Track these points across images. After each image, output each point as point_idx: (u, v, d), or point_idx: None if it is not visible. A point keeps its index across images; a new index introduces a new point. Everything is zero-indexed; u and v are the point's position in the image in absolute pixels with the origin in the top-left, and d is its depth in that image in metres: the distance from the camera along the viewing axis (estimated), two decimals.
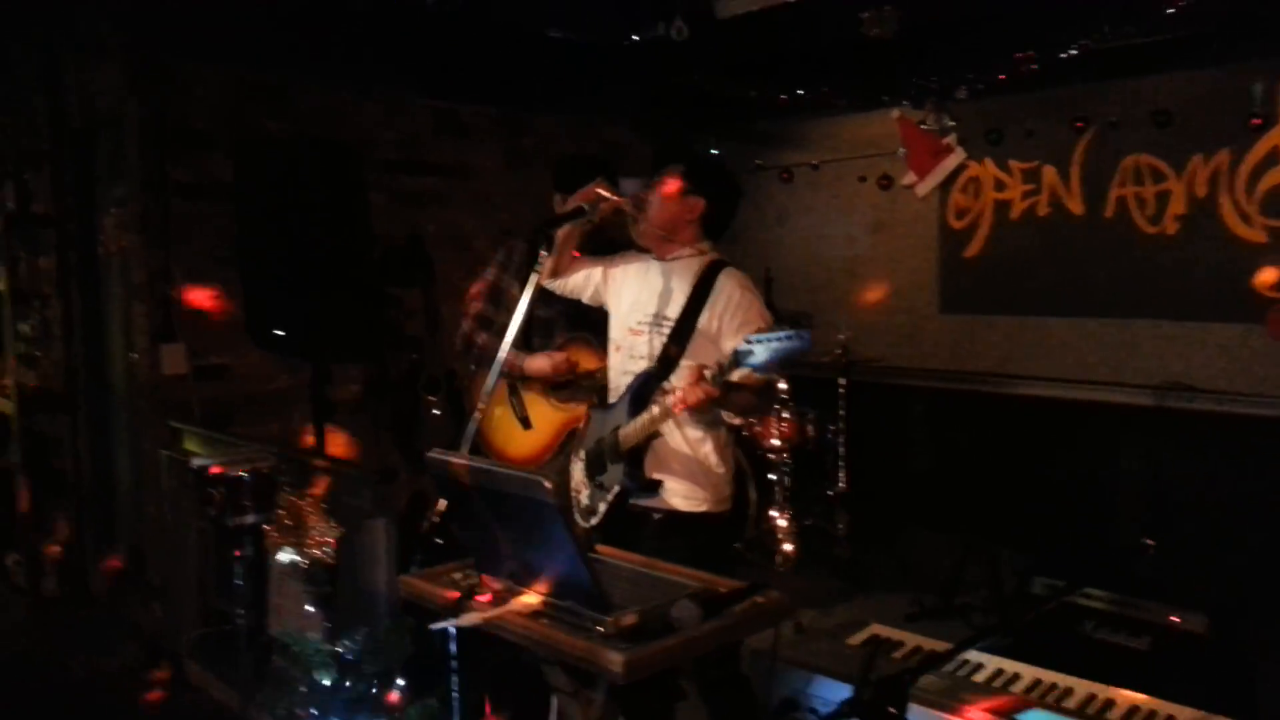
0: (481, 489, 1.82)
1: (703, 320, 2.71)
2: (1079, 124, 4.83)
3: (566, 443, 3.31)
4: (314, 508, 2.08)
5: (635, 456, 2.70)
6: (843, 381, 5.08)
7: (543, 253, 2.56)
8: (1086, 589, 3.78)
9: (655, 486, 2.70)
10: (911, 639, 2.37)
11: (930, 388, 5.69)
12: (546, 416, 3.39)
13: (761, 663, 2.15)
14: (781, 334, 2.22)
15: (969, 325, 5.58)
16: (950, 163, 5.52)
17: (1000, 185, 5.39)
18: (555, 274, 2.91)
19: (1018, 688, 2.11)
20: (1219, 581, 4.01)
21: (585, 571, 1.70)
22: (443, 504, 2.35)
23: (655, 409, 2.60)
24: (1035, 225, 5.26)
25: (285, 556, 2.06)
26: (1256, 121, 4.31)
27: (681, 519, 2.71)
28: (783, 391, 5.09)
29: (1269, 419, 4.45)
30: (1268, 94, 4.32)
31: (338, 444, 5.09)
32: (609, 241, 3.08)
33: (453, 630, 2.02)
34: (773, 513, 5.09)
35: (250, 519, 3.21)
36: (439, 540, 2.42)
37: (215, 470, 3.27)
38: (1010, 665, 2.21)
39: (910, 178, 5.65)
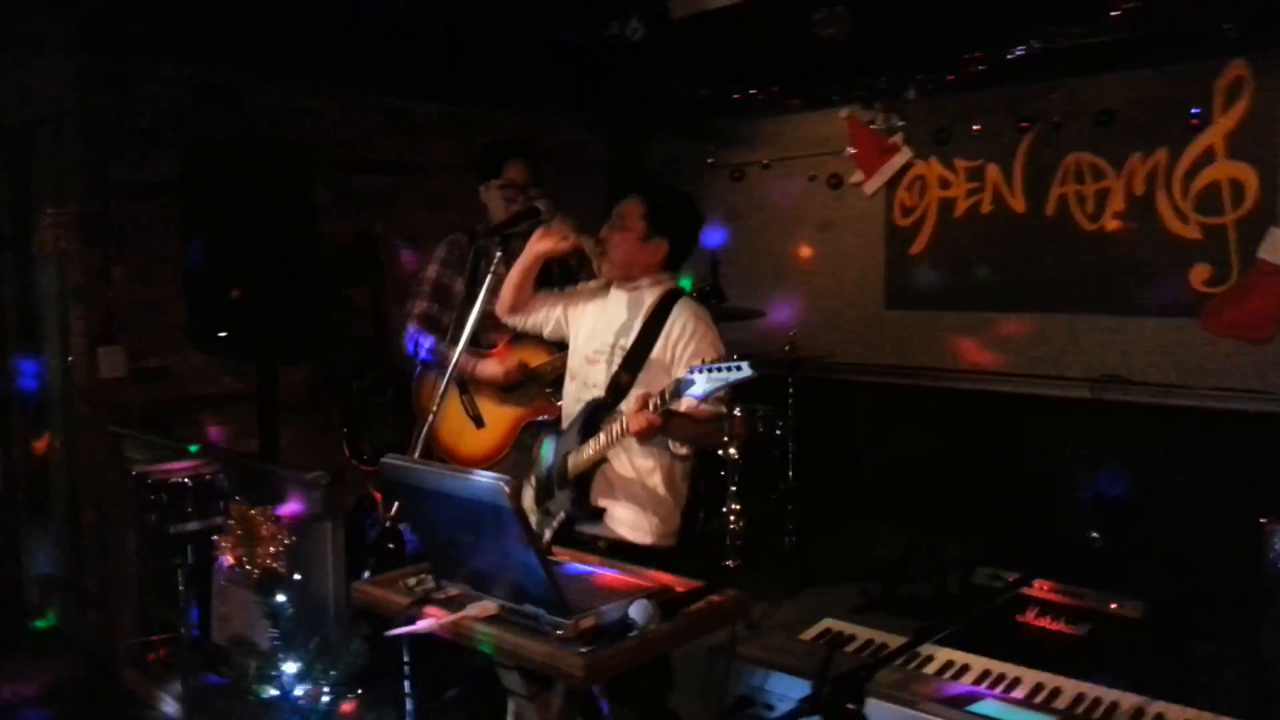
0: (438, 494, 1.80)
1: (656, 349, 2.72)
2: (1024, 124, 4.92)
3: (520, 438, 3.29)
4: (264, 515, 2.05)
5: (582, 483, 2.69)
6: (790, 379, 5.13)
7: (498, 254, 2.55)
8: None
9: (599, 514, 2.69)
10: (864, 633, 2.40)
11: (877, 383, 5.77)
12: (498, 413, 3.36)
13: (717, 660, 2.16)
14: (723, 365, 2.27)
15: (915, 321, 5.67)
16: (897, 161, 5.60)
17: (945, 183, 5.48)
18: (514, 310, 2.90)
19: (968, 678, 2.15)
20: (1155, 568, 4.13)
21: (544, 575, 1.69)
22: (395, 509, 2.33)
23: (603, 436, 2.61)
24: (979, 223, 5.36)
25: (231, 565, 2.02)
26: (1194, 123, 4.43)
27: (628, 549, 2.68)
28: (725, 414, 5.11)
29: (1201, 410, 4.58)
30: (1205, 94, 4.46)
31: (283, 446, 5.02)
32: (568, 271, 3.12)
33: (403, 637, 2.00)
34: (723, 509, 5.11)
35: (193, 526, 3.15)
36: (390, 545, 2.40)
37: (157, 476, 3.20)
38: (959, 656, 2.25)
39: (858, 176, 5.72)
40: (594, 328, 2.85)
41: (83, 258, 4.31)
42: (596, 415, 2.70)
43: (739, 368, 2.27)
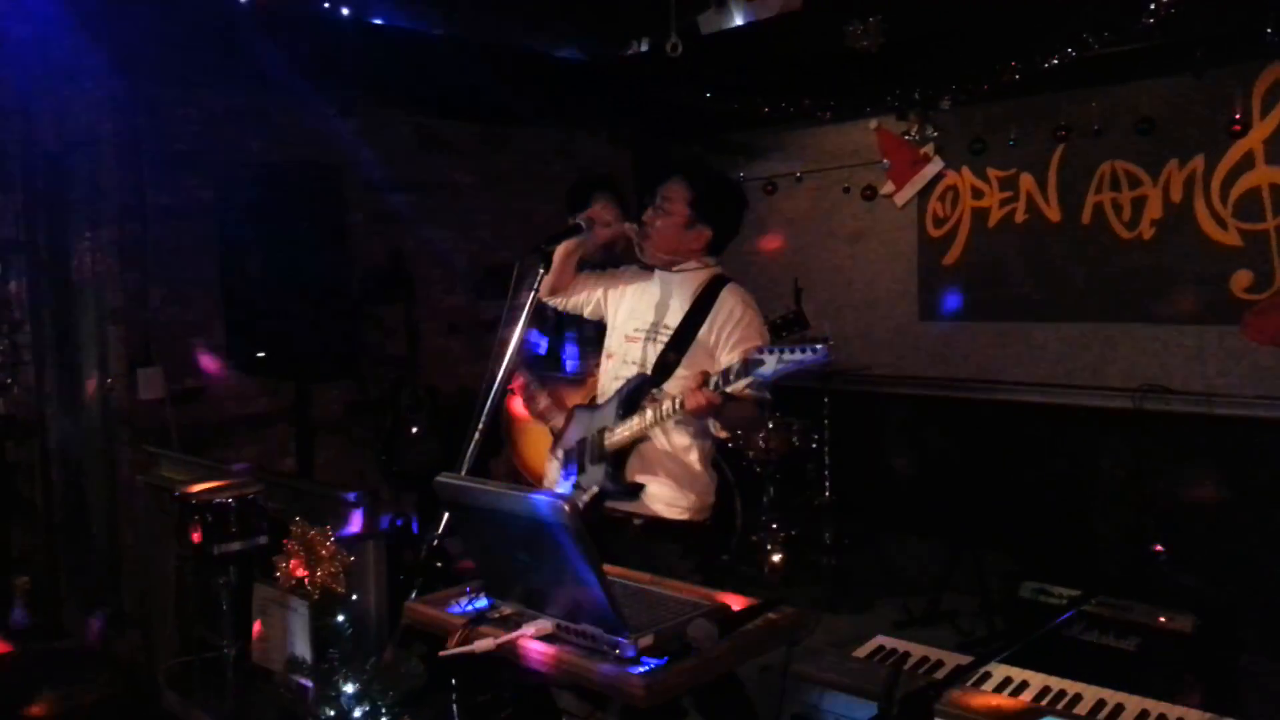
0: (494, 512, 1.79)
1: (702, 332, 2.72)
2: (1062, 132, 4.88)
3: None
4: (324, 535, 2.04)
5: (618, 459, 2.69)
6: (827, 395, 5.09)
7: (540, 270, 2.55)
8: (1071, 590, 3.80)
9: (637, 490, 2.68)
10: (919, 650, 2.36)
11: (912, 395, 5.72)
12: None
13: (770, 679, 2.13)
14: (795, 347, 2.23)
15: (948, 332, 5.62)
16: (928, 172, 5.56)
17: (978, 194, 5.44)
18: (555, 291, 2.90)
19: (1028, 695, 2.10)
20: (1204, 580, 4.06)
21: (604, 595, 1.68)
22: (442, 527, 2.32)
23: (650, 412, 2.60)
24: (1013, 232, 5.31)
25: (294, 587, 2.01)
26: (1236, 128, 4.37)
27: (664, 525, 2.70)
28: (768, 401, 5.09)
29: (1245, 419, 4.51)
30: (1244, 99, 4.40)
31: (319, 465, 5.05)
32: (613, 257, 3.09)
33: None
34: (760, 522, 5.09)
35: (236, 546, 3.15)
36: (438, 564, 2.38)
37: (200, 497, 3.20)
38: (1016, 672, 2.20)
39: (889, 187, 5.69)
40: (634, 307, 2.86)
41: (121, 280, 4.35)
42: (638, 392, 2.69)
43: (814, 349, 2.23)
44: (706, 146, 6.20)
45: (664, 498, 2.71)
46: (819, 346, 2.23)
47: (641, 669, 1.66)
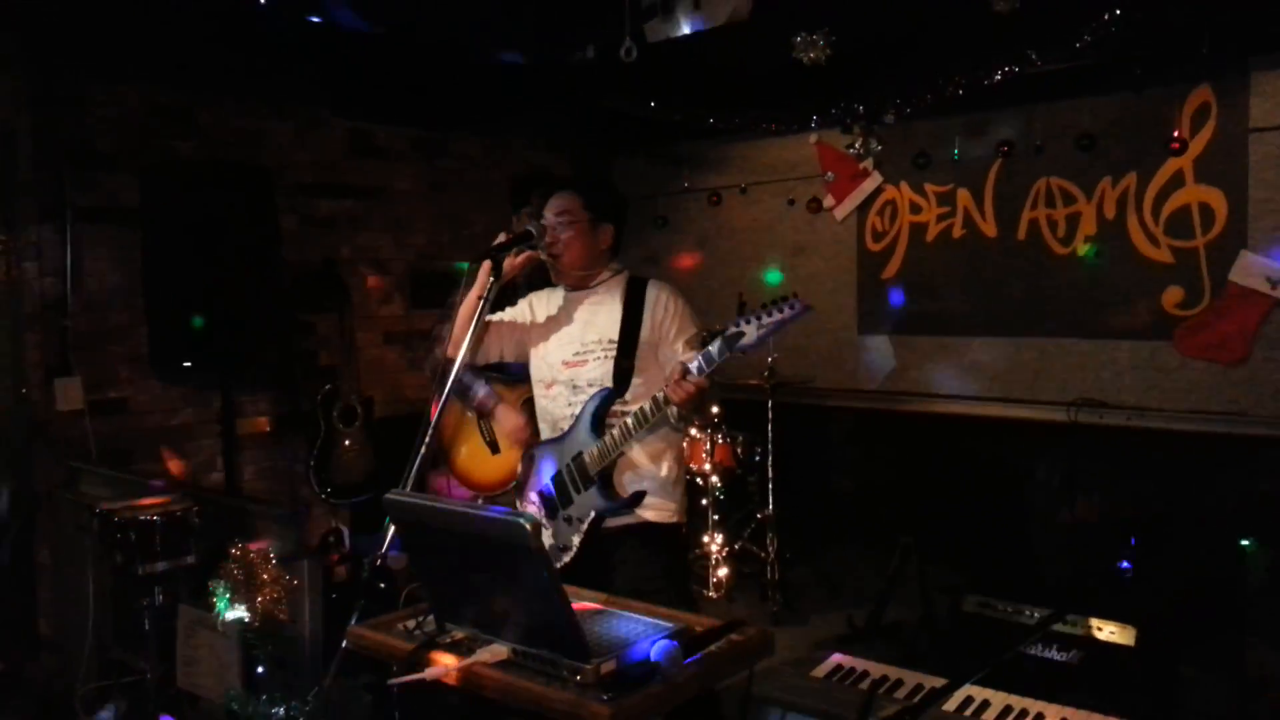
0: (449, 532, 1.70)
1: (644, 333, 2.74)
2: (1004, 147, 4.95)
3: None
4: (264, 557, 1.92)
5: (605, 477, 2.66)
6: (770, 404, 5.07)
7: (490, 279, 2.46)
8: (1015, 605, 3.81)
9: (639, 499, 2.67)
10: (876, 668, 2.33)
11: (852, 408, 5.74)
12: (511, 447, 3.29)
13: (731, 701, 2.07)
14: (772, 308, 2.30)
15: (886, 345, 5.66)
16: (867, 186, 5.61)
17: (916, 208, 5.49)
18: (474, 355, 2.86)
19: (990, 715, 2.08)
20: (1141, 592, 4.12)
21: (566, 617, 1.60)
22: (385, 545, 2.21)
23: (630, 420, 2.59)
24: (950, 247, 5.38)
25: (233, 614, 1.89)
26: (1175, 146, 4.47)
27: (656, 531, 2.71)
28: (715, 415, 5.07)
29: (1177, 433, 4.61)
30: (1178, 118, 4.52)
31: (246, 480, 4.85)
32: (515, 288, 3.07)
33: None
34: (705, 538, 5.04)
35: (162, 566, 2.99)
36: (381, 585, 2.27)
37: (124, 514, 3.04)
38: (978, 692, 2.18)
39: (829, 201, 5.73)
40: (562, 332, 2.85)
41: (38, 285, 4.13)
42: (605, 406, 2.68)
43: (790, 305, 2.31)
44: (650, 157, 6.16)
45: (653, 504, 2.72)
46: (794, 301, 2.29)
47: (605, 696, 1.59)
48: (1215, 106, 4.48)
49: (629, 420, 2.59)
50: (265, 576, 1.82)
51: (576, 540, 2.64)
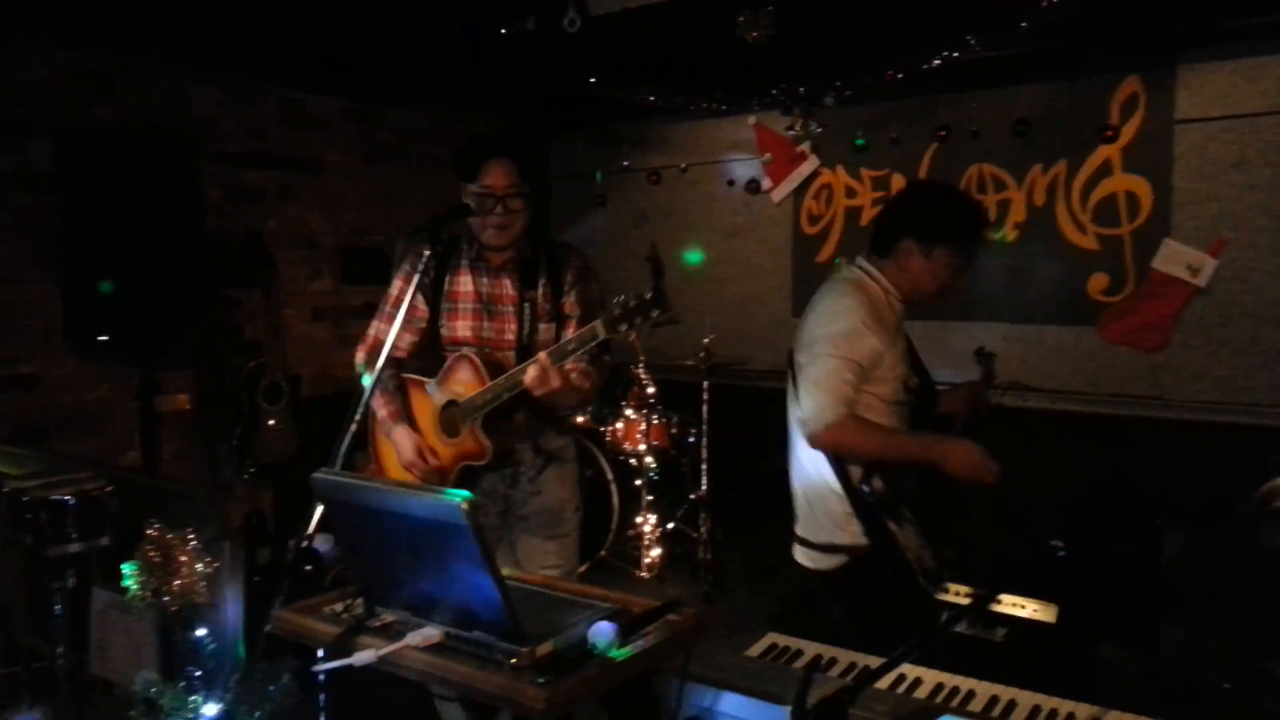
0: (380, 512, 1.64)
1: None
2: (941, 132, 5.00)
3: (464, 480, 2.81)
4: (183, 540, 1.84)
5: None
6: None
7: (426, 252, 2.39)
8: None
9: None
10: (811, 647, 2.33)
11: (785, 389, 5.75)
12: (441, 451, 2.85)
13: (666, 680, 2.05)
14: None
15: None
16: (804, 169, 5.63)
17: (851, 192, 5.53)
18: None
19: (922, 693, 2.09)
20: (1065, 572, 4.22)
21: (500, 600, 1.55)
22: (313, 526, 2.14)
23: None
24: None
25: (148, 598, 1.80)
26: (1109, 134, 4.56)
27: None
28: (650, 395, 5.05)
29: (1100, 416, 4.73)
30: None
31: (166, 459, 4.69)
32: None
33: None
34: (638, 518, 5.03)
35: (75, 548, 2.86)
36: (307, 567, 2.20)
37: (34, 494, 2.89)
38: (909, 670, 2.20)
39: (767, 183, 5.73)
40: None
41: None
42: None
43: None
44: (591, 135, 6.10)
45: None
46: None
47: (541, 679, 1.55)
48: (1143, 98, 4.58)
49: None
50: (183, 559, 1.74)
51: None
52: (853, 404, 2.66)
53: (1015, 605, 3.71)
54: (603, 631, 1.65)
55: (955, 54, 3.77)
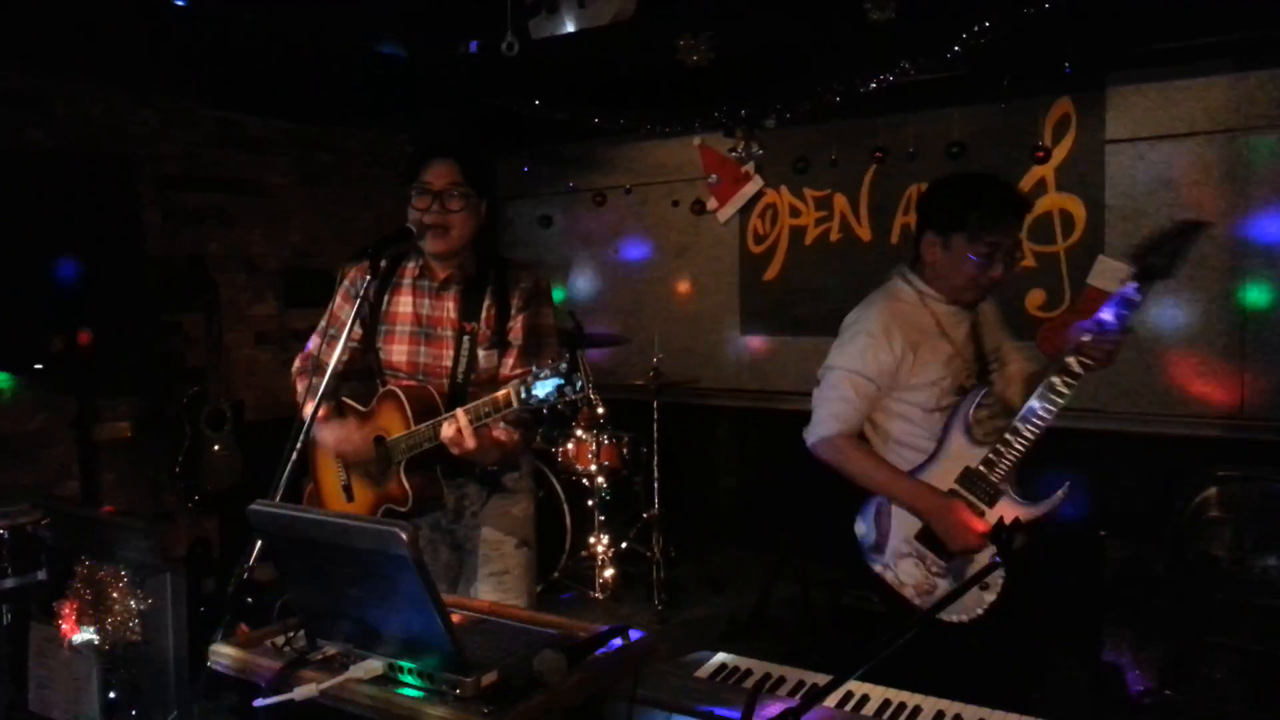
0: (319, 543, 1.62)
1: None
2: (878, 154, 5.08)
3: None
4: (116, 576, 1.80)
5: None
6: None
7: (367, 278, 2.37)
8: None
9: None
10: (760, 666, 2.34)
11: (735, 407, 5.82)
12: (362, 491, 2.71)
13: (617, 706, 2.05)
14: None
15: (768, 345, 5.75)
16: (749, 190, 5.70)
17: (795, 212, 5.60)
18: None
19: (870, 709, 2.11)
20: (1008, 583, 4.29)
21: (444, 630, 1.55)
22: (253, 557, 2.10)
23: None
24: (828, 251, 5.50)
25: (80, 637, 1.76)
26: (1040, 155, 4.67)
27: None
28: (600, 416, 5.05)
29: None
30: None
31: (106, 489, 4.59)
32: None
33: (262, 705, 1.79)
34: (590, 539, 5.02)
35: (9, 583, 2.79)
36: (248, 600, 2.16)
37: None
38: (856, 686, 2.22)
39: (712, 203, 5.79)
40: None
41: None
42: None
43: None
44: (535, 157, 6.11)
45: None
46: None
47: (486, 709, 1.54)
48: (1075, 118, 4.71)
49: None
50: (115, 595, 1.70)
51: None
52: (850, 420, 2.69)
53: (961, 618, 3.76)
54: (547, 659, 1.65)
55: (890, 77, 3.85)
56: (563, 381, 2.11)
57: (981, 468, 2.63)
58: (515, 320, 2.59)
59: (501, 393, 2.25)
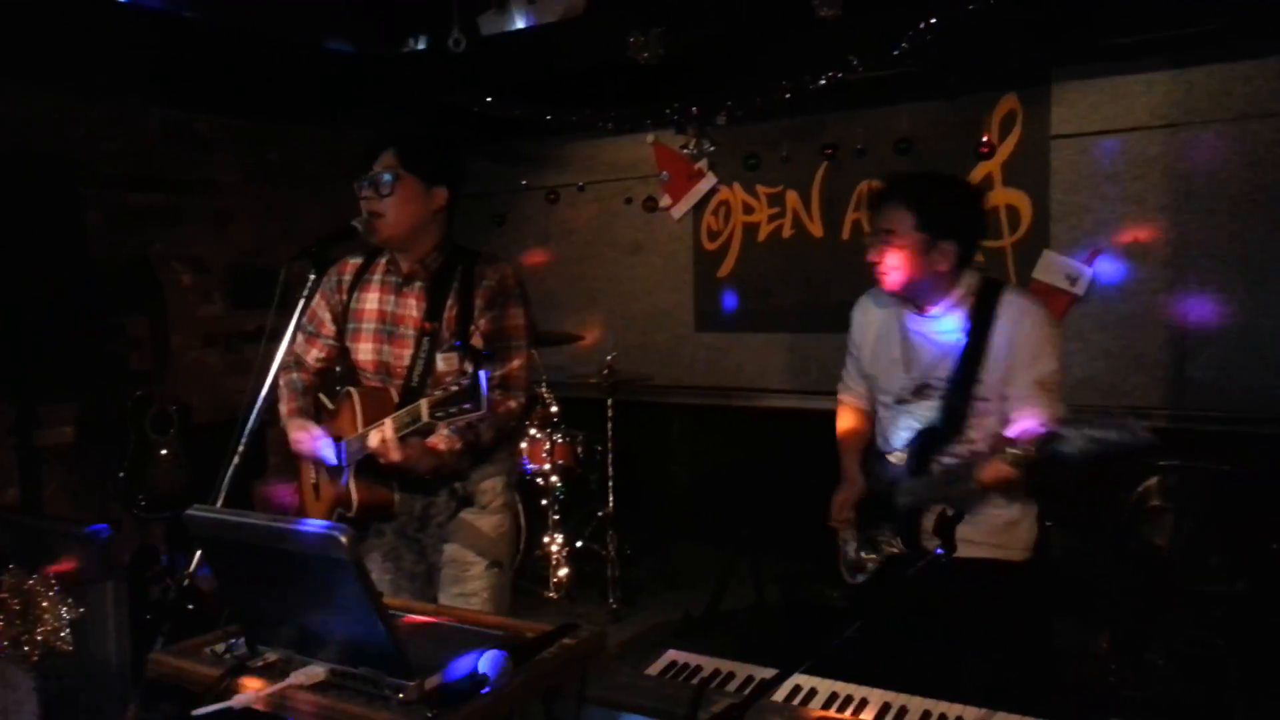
0: (257, 548, 1.60)
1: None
2: (828, 150, 5.11)
3: (367, 522, 2.66)
4: (44, 585, 1.76)
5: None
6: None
7: (311, 276, 2.34)
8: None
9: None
10: (709, 663, 2.34)
11: (690, 404, 5.83)
12: (325, 491, 2.68)
13: (564, 704, 2.04)
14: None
15: (722, 342, 5.78)
16: (702, 187, 5.70)
17: (748, 209, 5.62)
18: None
19: (817, 703, 2.13)
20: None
21: (383, 632, 1.53)
22: (194, 564, 2.07)
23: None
24: (780, 247, 5.53)
25: (9, 649, 1.71)
26: (984, 150, 4.73)
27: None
28: (554, 414, 5.04)
29: None
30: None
31: (47, 496, 4.49)
32: None
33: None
34: (545, 538, 5.00)
35: None
36: (189, 606, 2.13)
37: None
38: (805, 680, 2.23)
39: (666, 200, 5.79)
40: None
41: None
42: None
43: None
44: (487, 155, 6.08)
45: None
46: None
47: (430, 713, 1.53)
48: (1021, 114, 4.78)
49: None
50: (44, 604, 1.66)
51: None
52: (844, 386, 3.19)
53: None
54: (492, 660, 1.64)
55: (839, 74, 3.88)
56: (465, 401, 2.11)
57: None
58: (479, 322, 2.53)
59: (412, 405, 2.23)
